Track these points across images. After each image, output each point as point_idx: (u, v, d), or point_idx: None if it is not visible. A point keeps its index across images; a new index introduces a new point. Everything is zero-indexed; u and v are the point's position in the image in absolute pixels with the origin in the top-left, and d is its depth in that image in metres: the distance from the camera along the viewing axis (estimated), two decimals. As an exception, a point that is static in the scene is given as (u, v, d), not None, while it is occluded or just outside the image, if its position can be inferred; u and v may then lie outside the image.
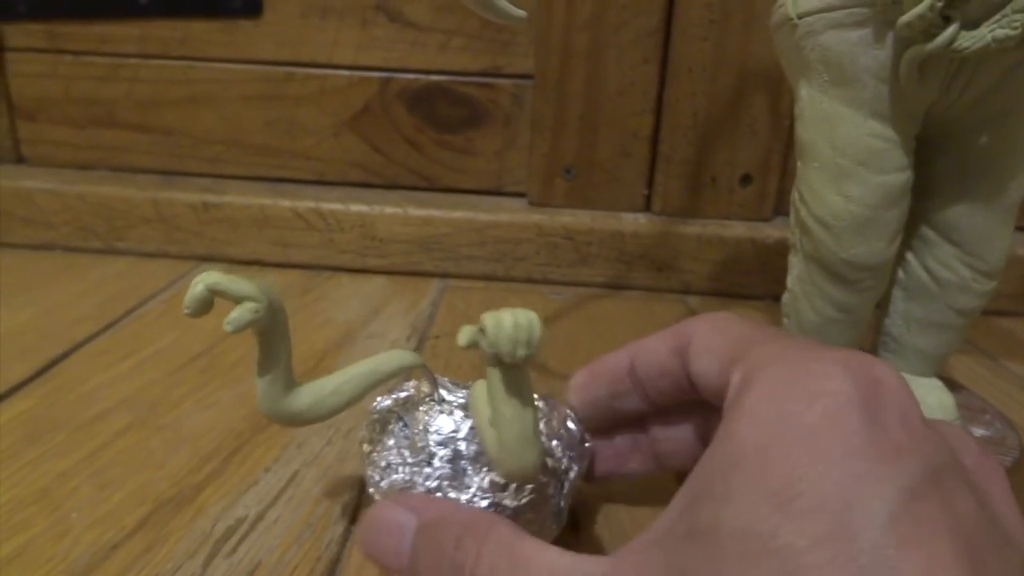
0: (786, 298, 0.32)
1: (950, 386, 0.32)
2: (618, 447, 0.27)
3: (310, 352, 0.41)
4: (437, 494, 0.23)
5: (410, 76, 0.55)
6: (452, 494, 0.23)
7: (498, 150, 0.56)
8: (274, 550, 0.25)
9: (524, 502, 0.23)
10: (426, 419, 0.24)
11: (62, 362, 0.38)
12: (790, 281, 0.32)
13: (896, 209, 0.28)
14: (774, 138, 0.51)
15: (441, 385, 0.25)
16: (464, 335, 0.20)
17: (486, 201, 0.55)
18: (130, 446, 0.31)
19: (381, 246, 0.53)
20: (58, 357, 0.39)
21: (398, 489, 0.23)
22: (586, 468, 0.26)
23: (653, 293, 0.53)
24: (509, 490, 0.23)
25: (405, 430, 0.24)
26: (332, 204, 0.53)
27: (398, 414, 0.25)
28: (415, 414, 0.24)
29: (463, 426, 0.23)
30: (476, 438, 0.23)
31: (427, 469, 0.23)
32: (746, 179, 0.53)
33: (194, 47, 0.55)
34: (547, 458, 0.24)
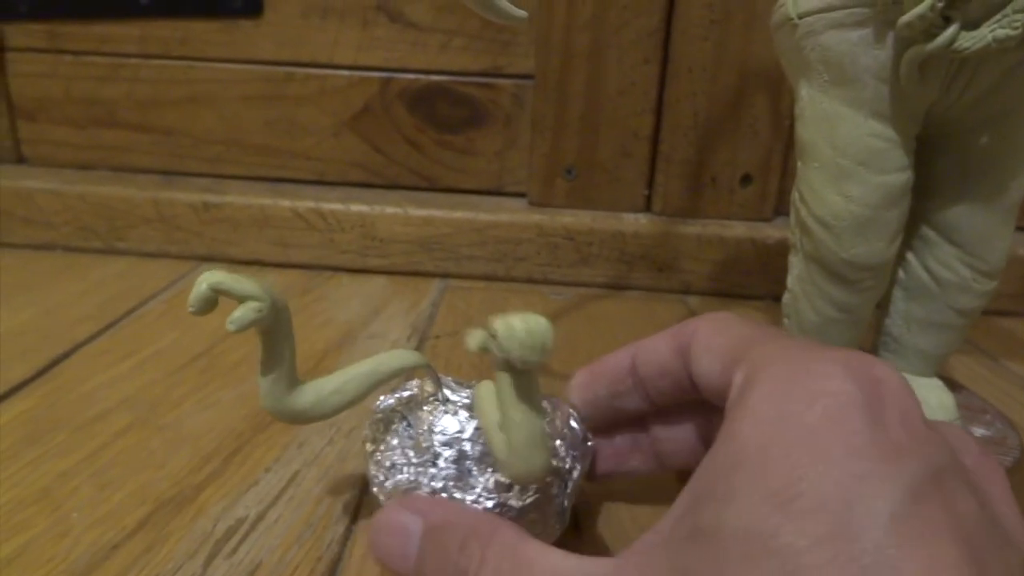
0: (786, 298, 0.32)
1: (950, 386, 0.32)
2: (619, 446, 0.27)
3: (310, 352, 0.41)
4: (442, 494, 0.23)
5: (411, 76, 0.55)
6: (457, 494, 0.23)
7: (499, 150, 0.56)
8: (275, 550, 0.25)
9: (529, 502, 0.23)
10: (430, 419, 0.24)
11: (63, 362, 0.38)
12: (790, 281, 0.32)
13: (896, 209, 0.28)
14: (774, 138, 0.51)
15: (445, 385, 0.25)
16: (474, 339, 0.20)
17: (487, 201, 0.55)
18: (130, 446, 0.31)
19: (381, 246, 0.53)
20: (59, 357, 0.39)
21: (403, 489, 0.23)
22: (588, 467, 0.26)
23: (654, 293, 0.53)
24: (514, 490, 0.23)
25: (409, 430, 0.24)
26: (332, 204, 0.53)
27: (402, 414, 0.25)
28: (419, 414, 0.24)
29: (468, 426, 0.23)
30: (481, 439, 0.23)
31: (432, 469, 0.23)
32: (746, 179, 0.53)
33: (194, 47, 0.55)
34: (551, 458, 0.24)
